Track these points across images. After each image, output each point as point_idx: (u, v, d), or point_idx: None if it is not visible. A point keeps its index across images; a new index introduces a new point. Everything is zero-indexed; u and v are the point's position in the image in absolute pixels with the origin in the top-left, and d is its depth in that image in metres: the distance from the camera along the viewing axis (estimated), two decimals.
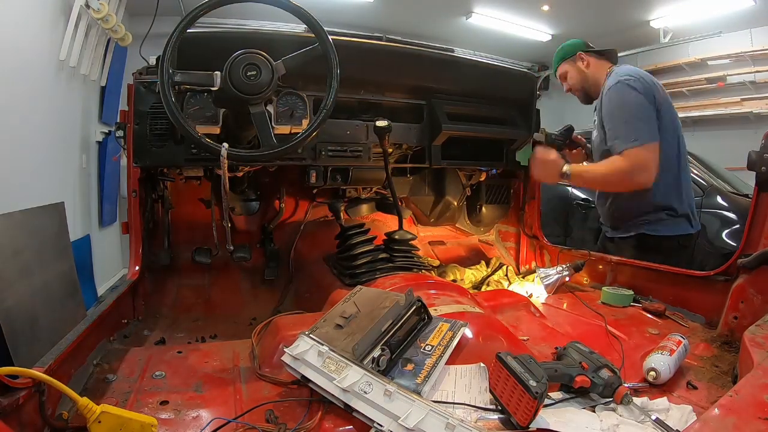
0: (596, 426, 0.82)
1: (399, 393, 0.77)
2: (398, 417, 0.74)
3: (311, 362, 0.88)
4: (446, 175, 2.17)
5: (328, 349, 0.88)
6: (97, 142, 3.73)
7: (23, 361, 1.29)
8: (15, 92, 2.39)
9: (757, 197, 1.25)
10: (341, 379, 0.82)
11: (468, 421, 0.76)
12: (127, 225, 1.59)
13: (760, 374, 0.77)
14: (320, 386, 0.85)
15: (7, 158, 2.28)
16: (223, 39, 1.42)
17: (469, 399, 0.87)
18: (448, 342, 0.96)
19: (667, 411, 0.85)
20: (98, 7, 3.11)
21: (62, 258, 2.22)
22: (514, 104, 1.89)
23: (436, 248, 2.25)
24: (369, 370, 0.83)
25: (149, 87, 1.49)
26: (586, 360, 0.92)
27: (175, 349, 1.14)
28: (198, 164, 1.53)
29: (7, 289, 1.66)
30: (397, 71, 1.66)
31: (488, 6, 4.95)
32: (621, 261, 1.67)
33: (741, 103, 5.03)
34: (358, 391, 0.80)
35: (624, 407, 0.85)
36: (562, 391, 0.92)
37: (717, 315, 1.30)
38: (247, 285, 1.93)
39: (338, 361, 0.85)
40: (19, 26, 2.45)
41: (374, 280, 1.39)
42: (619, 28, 5.16)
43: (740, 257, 1.25)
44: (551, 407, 0.87)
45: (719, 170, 3.44)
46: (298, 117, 1.47)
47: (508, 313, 1.35)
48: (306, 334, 0.94)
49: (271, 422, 0.81)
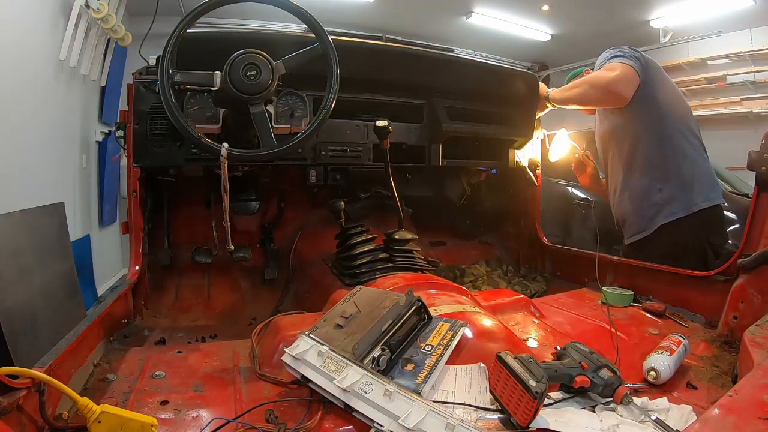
0: (596, 426, 0.82)
1: (399, 393, 0.77)
2: (398, 417, 0.74)
3: (311, 362, 0.88)
4: (446, 174, 2.17)
5: (328, 348, 0.88)
6: (97, 142, 3.72)
7: (23, 361, 1.29)
8: (15, 92, 2.39)
9: (757, 197, 1.25)
10: (341, 379, 0.82)
11: (468, 421, 0.76)
12: (127, 225, 1.59)
13: (760, 374, 0.77)
14: (320, 386, 0.85)
15: (7, 158, 2.27)
16: (223, 39, 1.42)
17: (469, 399, 0.87)
18: (448, 342, 0.96)
19: (667, 411, 0.85)
20: (98, 7, 3.11)
21: (62, 258, 2.22)
22: (514, 104, 1.89)
23: (436, 248, 2.25)
24: (369, 370, 0.83)
25: (149, 87, 1.49)
26: (586, 360, 0.92)
27: (175, 349, 1.14)
28: (198, 164, 1.53)
29: (7, 289, 1.66)
30: (397, 71, 1.66)
31: (488, 6, 4.95)
32: (621, 261, 1.66)
33: (741, 103, 5.02)
34: (358, 391, 0.79)
35: (624, 407, 0.85)
36: (562, 391, 0.92)
37: (717, 315, 1.30)
38: (247, 285, 1.93)
39: (338, 361, 0.85)
40: (19, 26, 2.45)
41: (374, 280, 1.39)
42: (619, 28, 5.16)
43: (740, 257, 1.25)
44: (551, 407, 0.87)
45: (719, 170, 3.44)
46: (298, 117, 1.47)
47: (508, 313, 1.35)
48: (306, 334, 0.94)
49: (271, 422, 0.81)
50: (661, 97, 1.63)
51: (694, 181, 1.62)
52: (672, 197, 1.61)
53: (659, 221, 1.63)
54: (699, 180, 1.63)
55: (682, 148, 1.64)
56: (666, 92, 1.66)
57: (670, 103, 1.66)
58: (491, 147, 1.95)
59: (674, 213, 1.60)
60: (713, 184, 1.66)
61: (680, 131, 1.66)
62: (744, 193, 3.00)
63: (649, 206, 1.65)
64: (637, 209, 1.70)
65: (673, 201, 1.61)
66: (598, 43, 1.72)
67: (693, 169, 1.64)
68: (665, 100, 1.63)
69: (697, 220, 1.60)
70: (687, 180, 1.62)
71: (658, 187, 1.63)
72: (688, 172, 1.63)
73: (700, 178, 1.64)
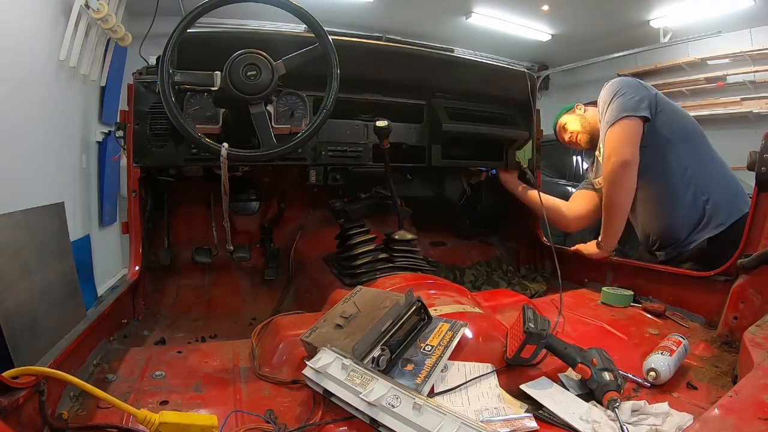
0: (577, 412, 0.83)
1: (428, 406, 0.73)
2: (429, 431, 0.71)
3: (335, 376, 0.83)
4: (446, 174, 2.17)
5: (353, 362, 0.84)
6: (97, 142, 3.72)
7: (23, 361, 1.29)
8: (15, 92, 2.38)
9: (757, 197, 1.25)
10: (367, 392, 0.77)
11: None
12: (127, 225, 1.59)
13: (760, 374, 0.77)
14: (344, 400, 0.81)
15: (8, 158, 2.27)
16: (223, 39, 1.42)
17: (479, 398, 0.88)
18: (448, 342, 0.96)
19: (666, 416, 0.84)
20: (98, 7, 3.10)
21: (62, 258, 2.22)
22: (514, 104, 1.89)
23: (436, 248, 2.25)
24: (396, 384, 0.79)
25: (149, 87, 1.49)
26: (599, 359, 0.92)
27: (175, 349, 1.14)
28: (198, 164, 1.53)
29: (7, 289, 1.66)
30: (397, 71, 1.66)
31: (488, 6, 4.95)
32: (621, 261, 1.66)
33: (741, 103, 5.02)
34: (386, 405, 0.75)
35: (610, 411, 0.84)
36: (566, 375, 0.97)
37: (717, 315, 1.30)
38: (247, 285, 1.93)
39: (363, 374, 0.82)
40: (19, 26, 2.45)
41: (374, 280, 1.39)
42: (618, 28, 5.16)
43: (740, 257, 1.25)
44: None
45: None
46: (298, 117, 1.47)
47: (508, 313, 1.34)
48: (328, 347, 0.90)
49: (270, 422, 0.81)
50: (671, 125, 1.58)
51: (735, 183, 1.60)
52: (715, 208, 1.54)
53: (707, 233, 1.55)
54: (737, 184, 1.60)
55: (707, 164, 1.60)
56: (677, 119, 1.62)
57: (682, 127, 1.62)
58: (491, 147, 1.95)
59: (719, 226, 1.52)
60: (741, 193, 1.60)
61: (700, 145, 1.63)
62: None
63: (685, 234, 1.58)
64: (670, 236, 1.63)
65: (716, 212, 1.53)
66: (598, 43, 1.71)
67: (726, 180, 1.60)
68: (674, 128, 1.59)
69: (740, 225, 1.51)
70: (729, 186, 1.57)
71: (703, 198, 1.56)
72: (728, 178, 1.60)
73: (735, 187, 1.60)
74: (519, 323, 0.97)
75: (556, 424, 0.82)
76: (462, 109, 1.79)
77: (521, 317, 0.98)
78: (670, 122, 1.58)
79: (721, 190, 1.56)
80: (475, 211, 2.26)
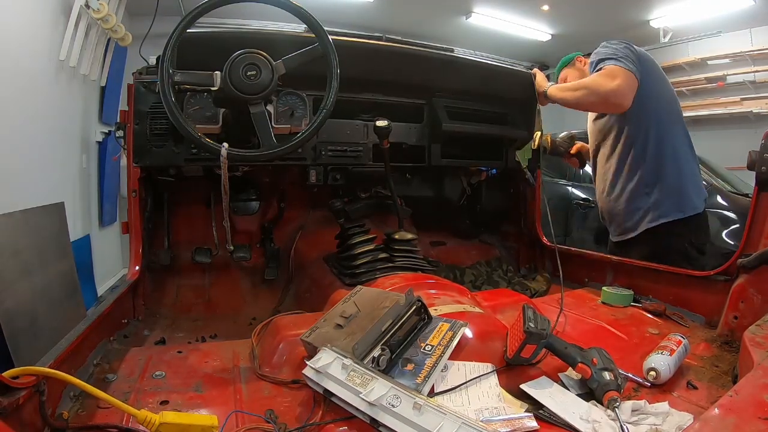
0: (578, 412, 0.83)
1: (429, 406, 0.73)
2: (429, 431, 0.71)
3: (335, 375, 0.83)
4: (446, 174, 2.17)
5: (353, 362, 0.84)
6: (97, 142, 3.73)
7: (23, 361, 1.29)
8: (15, 92, 2.39)
9: (757, 197, 1.25)
10: (368, 392, 0.77)
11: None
12: (127, 225, 1.59)
13: (760, 374, 0.77)
14: (344, 400, 0.81)
15: (8, 158, 2.27)
16: (223, 39, 1.42)
17: (480, 398, 0.88)
18: (448, 342, 0.96)
19: (666, 416, 0.84)
20: (98, 7, 3.11)
21: (62, 258, 2.22)
22: (514, 104, 1.89)
23: (436, 248, 2.25)
24: (397, 383, 0.79)
25: (149, 87, 1.49)
26: (599, 359, 0.92)
27: (175, 349, 1.14)
28: (198, 164, 1.53)
29: (7, 289, 1.66)
30: (397, 71, 1.66)
31: (488, 6, 4.95)
32: (621, 261, 1.66)
33: (741, 103, 5.03)
34: (386, 404, 0.75)
35: (610, 411, 0.84)
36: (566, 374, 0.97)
37: (717, 315, 1.30)
38: (247, 285, 1.93)
39: (363, 374, 0.81)
40: (19, 26, 2.45)
41: (374, 280, 1.38)
42: (618, 28, 5.15)
43: (740, 257, 1.25)
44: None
45: (719, 170, 3.44)
46: (298, 117, 1.47)
47: (508, 313, 1.34)
48: (329, 347, 0.90)
49: (271, 422, 0.81)
50: (658, 97, 1.62)
51: (681, 186, 1.64)
52: (658, 202, 1.63)
53: (644, 226, 1.65)
54: (687, 186, 1.64)
55: (676, 151, 1.64)
56: (662, 92, 1.65)
57: (666, 103, 1.65)
58: (491, 147, 1.95)
59: (659, 218, 1.63)
60: (699, 190, 1.68)
61: (677, 132, 1.66)
62: (744, 193, 2.99)
63: (636, 209, 1.67)
64: (623, 210, 1.71)
65: (659, 206, 1.62)
66: (599, 43, 1.71)
67: (682, 174, 1.64)
68: (661, 100, 1.63)
69: (680, 227, 1.62)
70: (675, 186, 1.63)
71: (645, 191, 1.64)
72: (677, 178, 1.63)
73: (688, 184, 1.65)
74: (519, 323, 0.97)
75: (556, 423, 0.82)
76: (462, 108, 1.79)
77: (521, 317, 0.98)
78: (652, 105, 1.62)
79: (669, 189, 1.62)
80: (475, 211, 2.26)
